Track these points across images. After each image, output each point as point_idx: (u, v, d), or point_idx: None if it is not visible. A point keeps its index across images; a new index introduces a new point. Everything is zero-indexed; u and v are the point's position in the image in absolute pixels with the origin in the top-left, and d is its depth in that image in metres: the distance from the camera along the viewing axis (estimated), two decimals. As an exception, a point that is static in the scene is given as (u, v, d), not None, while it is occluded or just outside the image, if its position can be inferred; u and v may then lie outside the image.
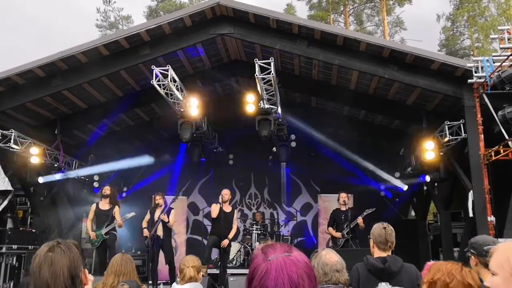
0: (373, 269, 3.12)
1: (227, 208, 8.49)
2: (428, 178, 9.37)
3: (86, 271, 1.88)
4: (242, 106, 8.57)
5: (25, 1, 47.23)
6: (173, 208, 8.44)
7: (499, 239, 5.32)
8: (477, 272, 2.52)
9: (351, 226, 8.31)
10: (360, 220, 8.30)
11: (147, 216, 8.47)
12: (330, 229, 8.72)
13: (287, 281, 1.20)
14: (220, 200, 8.41)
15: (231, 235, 8.34)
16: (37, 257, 3.13)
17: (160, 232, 8.20)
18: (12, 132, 7.92)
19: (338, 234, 8.49)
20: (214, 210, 8.39)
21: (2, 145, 7.89)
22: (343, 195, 8.71)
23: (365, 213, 8.43)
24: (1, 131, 7.88)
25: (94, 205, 8.35)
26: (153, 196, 8.80)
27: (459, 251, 8.95)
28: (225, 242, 8.21)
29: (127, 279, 3.43)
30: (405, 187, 10.77)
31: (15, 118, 8.51)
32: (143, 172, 11.87)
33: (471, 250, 2.84)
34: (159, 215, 8.20)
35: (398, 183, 10.73)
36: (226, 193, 8.54)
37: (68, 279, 1.75)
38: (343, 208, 8.62)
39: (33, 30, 47.51)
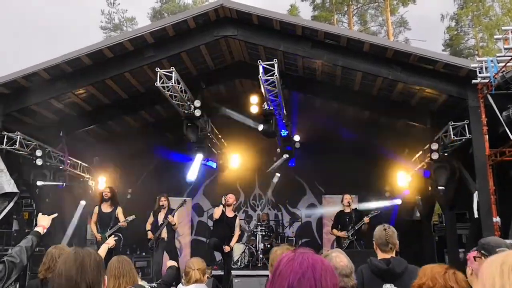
0: (377, 271, 3.12)
1: (230, 213, 8.47)
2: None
3: (106, 278, 1.99)
4: (246, 107, 8.57)
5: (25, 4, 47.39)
6: (175, 210, 8.44)
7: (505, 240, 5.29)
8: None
9: (356, 228, 8.28)
10: (367, 219, 8.26)
11: (151, 218, 8.48)
12: (334, 230, 8.70)
13: (311, 266, 1.36)
14: (223, 202, 8.39)
15: (232, 243, 8.33)
16: (54, 254, 3.31)
17: (164, 234, 8.21)
18: (17, 135, 7.96)
19: (343, 234, 8.47)
20: (217, 212, 8.40)
21: (8, 147, 7.93)
22: (347, 196, 8.69)
23: (370, 215, 8.40)
24: (7, 133, 7.93)
25: (96, 208, 8.37)
26: (157, 197, 8.79)
27: (464, 252, 8.90)
28: (226, 249, 8.20)
29: (128, 280, 3.44)
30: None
31: (20, 120, 8.56)
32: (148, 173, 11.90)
33: (482, 251, 2.76)
34: (164, 217, 8.21)
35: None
36: (230, 197, 8.52)
37: (95, 271, 1.90)
38: (347, 210, 8.60)
39: (37, 32, 47.69)
